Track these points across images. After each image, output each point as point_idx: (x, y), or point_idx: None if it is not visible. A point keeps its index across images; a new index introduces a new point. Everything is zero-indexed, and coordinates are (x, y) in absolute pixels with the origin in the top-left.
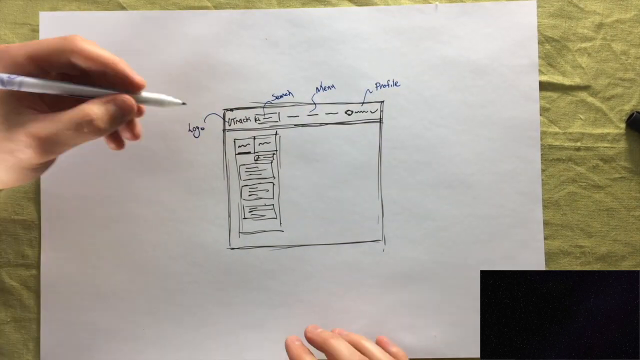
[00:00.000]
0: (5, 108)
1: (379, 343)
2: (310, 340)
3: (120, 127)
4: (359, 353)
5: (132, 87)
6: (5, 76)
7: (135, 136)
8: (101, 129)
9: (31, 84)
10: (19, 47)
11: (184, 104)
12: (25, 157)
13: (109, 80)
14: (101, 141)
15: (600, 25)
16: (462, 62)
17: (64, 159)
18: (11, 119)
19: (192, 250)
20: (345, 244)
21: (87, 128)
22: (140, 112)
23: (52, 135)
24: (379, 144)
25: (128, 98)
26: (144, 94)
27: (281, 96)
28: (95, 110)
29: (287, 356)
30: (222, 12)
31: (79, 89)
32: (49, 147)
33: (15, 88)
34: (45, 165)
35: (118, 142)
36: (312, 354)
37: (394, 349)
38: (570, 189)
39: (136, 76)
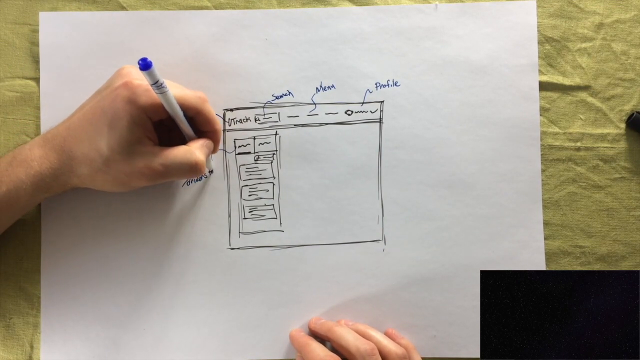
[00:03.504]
0: (132, 136)
1: (387, 334)
2: (314, 332)
3: None
4: (363, 339)
5: (214, 149)
6: (165, 82)
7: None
8: (203, 173)
9: (171, 100)
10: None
11: (211, 171)
12: (139, 183)
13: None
14: None
15: (600, 25)
16: (462, 62)
17: None
18: (134, 146)
19: (192, 250)
20: (345, 244)
21: (198, 170)
22: None
23: (165, 172)
24: (379, 144)
25: (212, 144)
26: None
27: (281, 96)
28: (200, 155)
29: (294, 347)
30: (222, 12)
31: (190, 129)
32: (159, 179)
33: (161, 96)
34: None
35: None
36: (317, 341)
37: (403, 341)
38: (570, 189)
39: (218, 146)
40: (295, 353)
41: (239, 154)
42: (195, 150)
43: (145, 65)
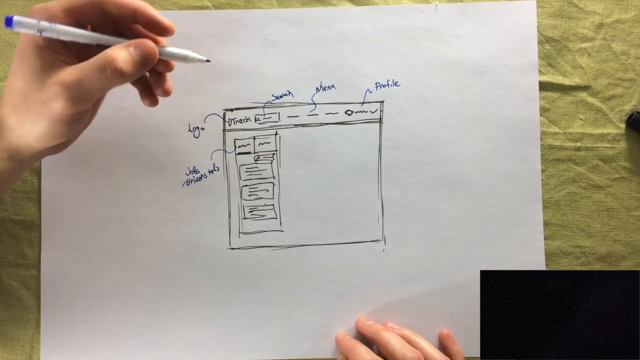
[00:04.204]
0: (41, 60)
1: (441, 337)
2: (361, 332)
3: (147, 75)
4: (410, 346)
5: (162, 33)
6: (46, 24)
7: (165, 92)
8: (124, 71)
9: (68, 33)
10: (56, 1)
11: (208, 61)
12: (57, 106)
13: (140, 33)
14: (102, 140)
15: (600, 26)
16: (462, 62)
17: (64, 159)
18: (46, 71)
19: (192, 250)
20: (345, 244)
21: (111, 70)
22: (169, 67)
23: (78, 81)
24: (379, 144)
25: (148, 41)
26: (170, 48)
27: (281, 96)
28: (117, 53)
29: (339, 350)
30: (222, 12)
31: (110, 39)
32: (77, 93)
33: (54, 36)
34: (77, 120)
35: (151, 98)
36: (363, 344)
37: (455, 347)
38: (570, 189)
39: (165, 20)
40: (338, 354)
41: (239, 154)
42: (110, 48)
43: (8, 21)
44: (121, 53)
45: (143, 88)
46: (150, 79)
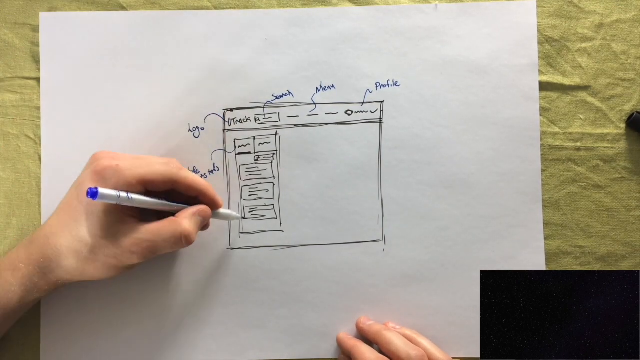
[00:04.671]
0: (112, 218)
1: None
2: (361, 332)
3: None
4: (413, 345)
5: (214, 206)
6: (125, 196)
7: (204, 229)
8: (193, 241)
9: (143, 202)
10: (130, 169)
11: (244, 218)
12: (128, 261)
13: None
14: (102, 140)
15: (600, 25)
16: (462, 62)
17: (63, 161)
18: (115, 228)
19: (192, 250)
20: (345, 244)
21: (186, 242)
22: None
23: (153, 247)
24: (379, 144)
25: (208, 209)
26: (220, 210)
27: (281, 96)
28: (188, 226)
29: (341, 349)
30: (222, 12)
31: (175, 206)
32: (150, 254)
33: (128, 204)
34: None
35: None
36: (365, 344)
37: None
38: (570, 189)
39: (219, 200)
40: (339, 354)
41: (239, 154)
42: (182, 220)
43: (92, 194)
44: (190, 225)
45: None
46: None
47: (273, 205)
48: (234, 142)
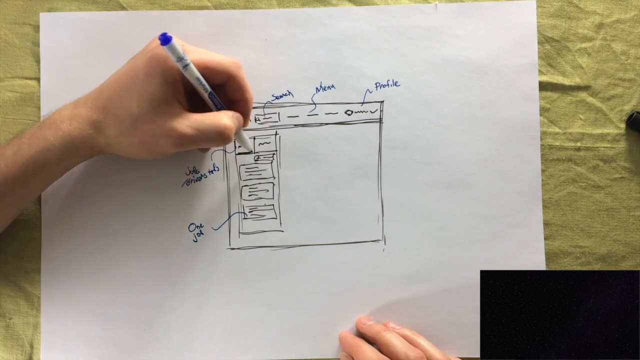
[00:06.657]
0: (163, 93)
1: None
2: (361, 332)
3: None
4: (412, 346)
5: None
6: (187, 58)
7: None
8: (232, 140)
9: (195, 75)
10: (196, 50)
11: (251, 152)
12: (164, 146)
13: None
14: None
15: (600, 26)
16: (462, 62)
17: None
18: (163, 105)
19: (192, 250)
20: (345, 244)
21: (226, 138)
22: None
23: (194, 136)
24: (379, 144)
25: (242, 118)
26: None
27: (281, 96)
28: (230, 122)
29: (343, 348)
30: (222, 12)
31: (218, 103)
32: (187, 145)
33: (184, 71)
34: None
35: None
36: (367, 343)
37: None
38: (570, 189)
39: (248, 120)
40: (341, 353)
41: (239, 154)
42: (224, 116)
43: (165, 39)
44: (232, 123)
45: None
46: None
47: (273, 205)
48: (234, 142)
